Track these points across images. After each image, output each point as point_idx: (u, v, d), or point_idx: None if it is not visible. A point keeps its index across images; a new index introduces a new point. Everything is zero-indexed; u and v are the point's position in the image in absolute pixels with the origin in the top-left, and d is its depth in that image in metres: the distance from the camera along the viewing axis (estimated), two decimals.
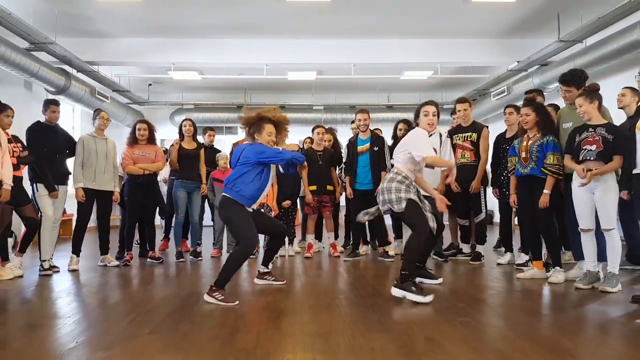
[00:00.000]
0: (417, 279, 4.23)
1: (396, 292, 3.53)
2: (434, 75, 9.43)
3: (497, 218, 5.74)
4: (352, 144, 5.84)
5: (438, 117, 5.54)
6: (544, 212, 4.24)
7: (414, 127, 6.10)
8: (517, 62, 8.47)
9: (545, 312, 3.37)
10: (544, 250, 4.54)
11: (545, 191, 4.21)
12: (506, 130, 5.52)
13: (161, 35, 8.16)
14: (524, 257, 5.13)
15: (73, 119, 10.48)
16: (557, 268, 4.27)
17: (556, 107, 5.04)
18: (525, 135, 4.49)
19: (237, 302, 3.42)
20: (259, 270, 4.27)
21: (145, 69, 9.79)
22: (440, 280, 4.20)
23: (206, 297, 3.49)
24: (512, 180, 4.69)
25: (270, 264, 4.24)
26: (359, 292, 3.88)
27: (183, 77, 10.08)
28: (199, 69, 9.45)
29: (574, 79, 4.36)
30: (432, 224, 3.72)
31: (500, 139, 5.49)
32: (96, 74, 8.67)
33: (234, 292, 3.86)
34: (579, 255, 4.28)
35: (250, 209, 3.80)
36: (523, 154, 4.42)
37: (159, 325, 2.90)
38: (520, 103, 5.95)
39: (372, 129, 6.05)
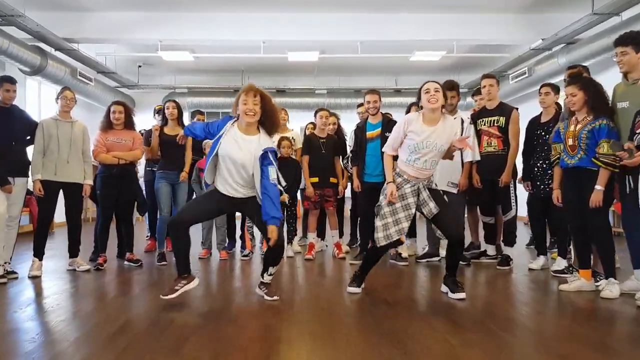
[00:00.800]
0: (444, 289, 3.53)
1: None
2: (449, 54, 8.59)
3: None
4: (360, 129, 5.05)
5: (459, 97, 4.88)
6: (596, 212, 3.48)
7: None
8: (542, 39, 7.63)
9: (610, 344, 2.60)
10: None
11: (597, 187, 3.45)
12: (541, 113, 4.75)
13: (147, 9, 7.33)
14: (562, 263, 4.39)
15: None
16: (611, 280, 3.52)
17: None
18: (573, 118, 3.72)
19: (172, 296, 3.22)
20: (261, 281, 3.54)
21: (132, 47, 8.94)
22: (462, 295, 3.43)
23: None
24: (557, 172, 3.92)
25: (266, 275, 3.50)
26: (370, 310, 3.14)
27: (174, 58, 9.29)
28: (190, 48, 8.63)
29: (633, 39, 3.55)
30: (388, 232, 3.43)
31: (534, 123, 4.72)
32: (76, 53, 7.86)
33: (221, 309, 3.12)
34: (637, 263, 3.53)
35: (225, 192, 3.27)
36: (570, 141, 3.65)
37: None
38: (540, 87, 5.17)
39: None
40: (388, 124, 4.88)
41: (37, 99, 8.88)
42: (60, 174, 4.39)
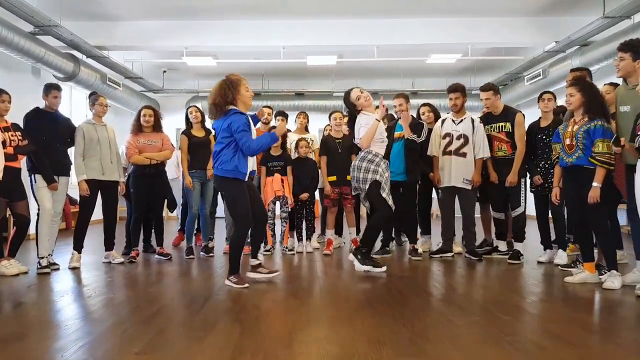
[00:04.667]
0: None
1: (358, 267, 4.35)
2: (464, 57, 8.80)
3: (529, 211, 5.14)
4: (390, 129, 5.30)
5: (464, 99, 5.12)
6: (594, 208, 3.69)
7: (437, 112, 5.66)
8: (555, 42, 7.79)
9: (607, 327, 2.83)
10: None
11: (594, 184, 3.66)
12: (539, 118, 4.98)
13: (173, 17, 7.71)
14: (563, 255, 4.63)
15: (86, 108, 10.15)
16: (613, 272, 3.72)
17: (616, 86, 4.43)
18: (572, 120, 3.94)
19: (247, 285, 3.74)
20: (251, 265, 4.09)
21: (158, 54, 9.37)
22: (384, 268, 4.32)
23: (226, 282, 3.82)
24: (557, 170, 4.13)
25: (259, 254, 4.15)
26: (385, 298, 3.40)
27: (198, 63, 9.64)
28: (214, 54, 9.00)
29: (632, 46, 3.74)
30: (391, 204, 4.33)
31: (534, 127, 4.95)
32: (106, 60, 8.29)
33: (246, 297, 3.43)
34: (639, 255, 3.72)
35: None
36: (568, 141, 3.87)
37: (152, 342, 2.48)
38: (555, 88, 5.39)
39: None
40: (415, 127, 5.10)
41: (68, 104, 9.34)
42: (107, 173, 4.77)
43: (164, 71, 10.75)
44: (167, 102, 11.47)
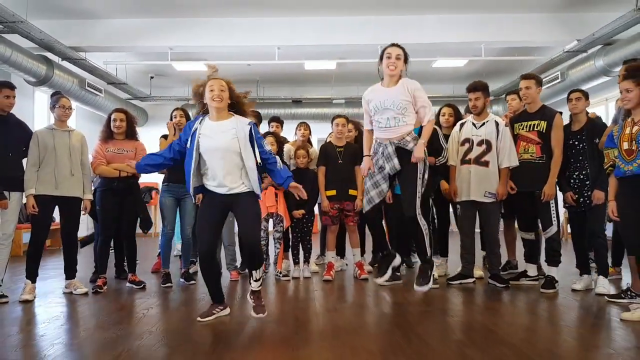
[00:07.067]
0: None
1: None
2: (475, 57, 8.10)
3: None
4: None
5: (486, 99, 4.40)
6: None
7: (459, 112, 4.97)
8: (577, 40, 7.11)
9: None
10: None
11: None
12: (570, 122, 4.26)
13: (156, 14, 7.03)
14: (605, 283, 3.90)
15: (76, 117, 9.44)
16: None
17: None
18: (629, 120, 3.24)
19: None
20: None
21: (142, 56, 8.61)
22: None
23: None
24: (612, 182, 3.40)
25: (252, 281, 3.21)
26: (404, 349, 2.63)
27: (187, 68, 8.97)
28: (203, 57, 8.30)
29: None
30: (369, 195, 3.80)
31: (565, 132, 4.21)
32: (84, 63, 7.58)
33: (225, 342, 2.67)
34: None
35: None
36: (626, 145, 3.17)
37: None
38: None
39: None
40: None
41: (46, 112, 8.62)
42: (61, 187, 4.02)
43: (152, 77, 10.06)
44: (156, 110, 10.75)
